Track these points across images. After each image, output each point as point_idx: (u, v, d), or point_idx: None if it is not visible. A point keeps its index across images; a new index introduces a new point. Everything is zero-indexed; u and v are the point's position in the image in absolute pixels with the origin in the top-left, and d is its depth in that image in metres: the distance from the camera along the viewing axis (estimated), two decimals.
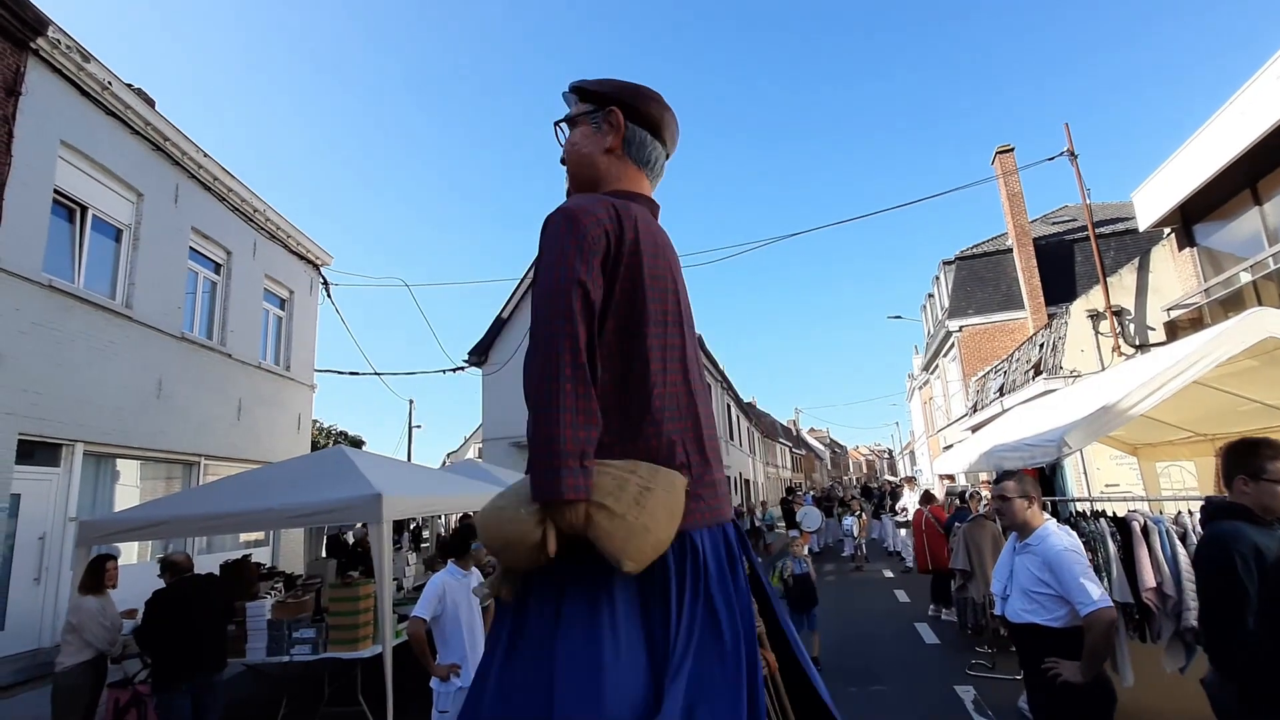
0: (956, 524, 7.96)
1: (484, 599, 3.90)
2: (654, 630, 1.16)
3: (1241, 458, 2.34)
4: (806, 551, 7.03)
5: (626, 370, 1.28)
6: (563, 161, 1.57)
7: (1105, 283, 11.29)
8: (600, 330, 1.26)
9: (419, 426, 28.20)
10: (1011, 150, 19.16)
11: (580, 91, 1.56)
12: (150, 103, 9.59)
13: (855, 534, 15.30)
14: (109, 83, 8.41)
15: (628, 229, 1.31)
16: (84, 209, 8.31)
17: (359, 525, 11.15)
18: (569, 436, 1.10)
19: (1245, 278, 8.58)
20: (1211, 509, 2.47)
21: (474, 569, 4.26)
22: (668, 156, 1.61)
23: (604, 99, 1.52)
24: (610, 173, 1.51)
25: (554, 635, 1.15)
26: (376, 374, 16.17)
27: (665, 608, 1.17)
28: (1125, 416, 4.51)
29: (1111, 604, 2.88)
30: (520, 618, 1.23)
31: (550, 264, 1.22)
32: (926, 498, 10.21)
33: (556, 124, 1.60)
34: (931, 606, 8.90)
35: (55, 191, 7.81)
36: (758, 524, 20.23)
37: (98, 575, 5.06)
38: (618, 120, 1.50)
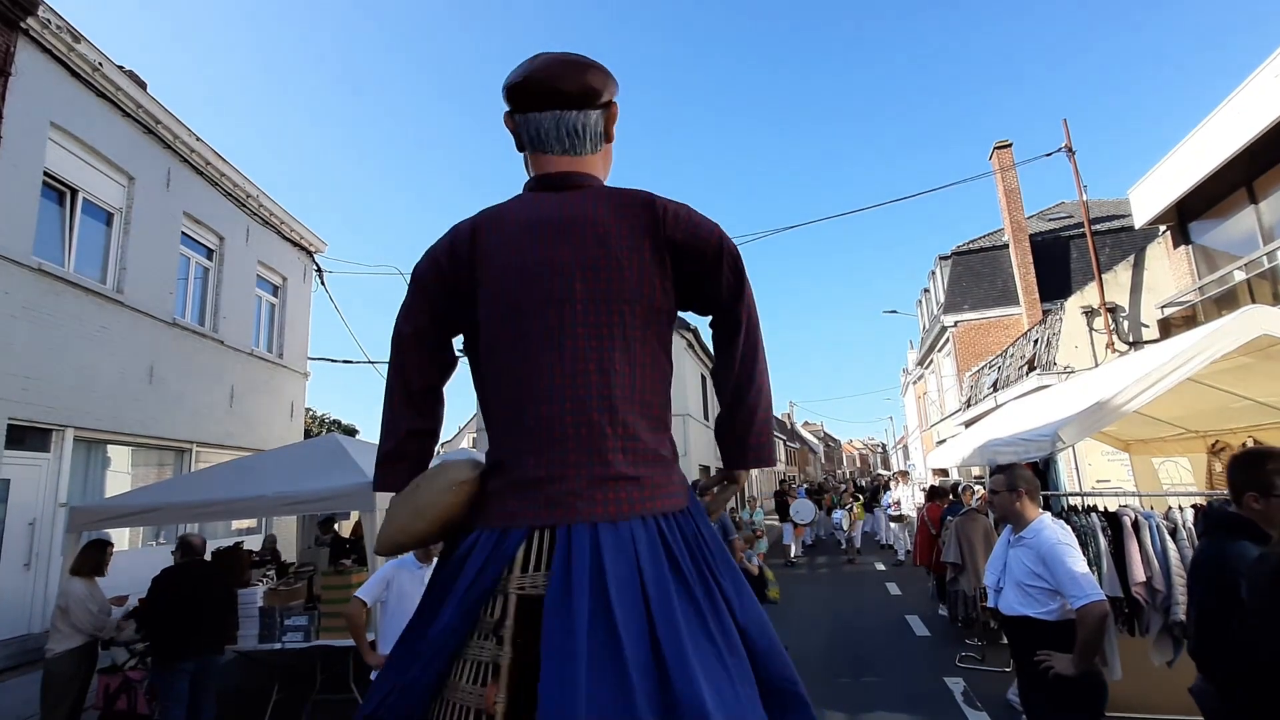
0: (949, 518, 8.00)
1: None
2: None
3: (1251, 473, 2.26)
4: (757, 551, 7.43)
5: (485, 375, 1.30)
6: None
7: (1100, 279, 11.34)
8: (474, 349, 1.35)
9: None
10: (1009, 145, 19.20)
11: None
12: (142, 85, 9.47)
13: (845, 527, 15.36)
14: (100, 64, 8.29)
15: (459, 245, 1.30)
16: (74, 192, 8.21)
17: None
18: (379, 448, 1.37)
19: (1239, 276, 8.62)
20: (1215, 520, 2.40)
21: (435, 562, 4.16)
22: (561, 103, 1.35)
23: None
24: (528, 173, 1.45)
25: None
26: (370, 362, 16.01)
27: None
28: (1118, 413, 4.53)
29: (1104, 597, 2.89)
30: None
31: None
32: (931, 494, 10.17)
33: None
34: (942, 606, 8.89)
35: (45, 174, 7.71)
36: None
37: (95, 558, 4.93)
38: (509, 124, 1.43)
